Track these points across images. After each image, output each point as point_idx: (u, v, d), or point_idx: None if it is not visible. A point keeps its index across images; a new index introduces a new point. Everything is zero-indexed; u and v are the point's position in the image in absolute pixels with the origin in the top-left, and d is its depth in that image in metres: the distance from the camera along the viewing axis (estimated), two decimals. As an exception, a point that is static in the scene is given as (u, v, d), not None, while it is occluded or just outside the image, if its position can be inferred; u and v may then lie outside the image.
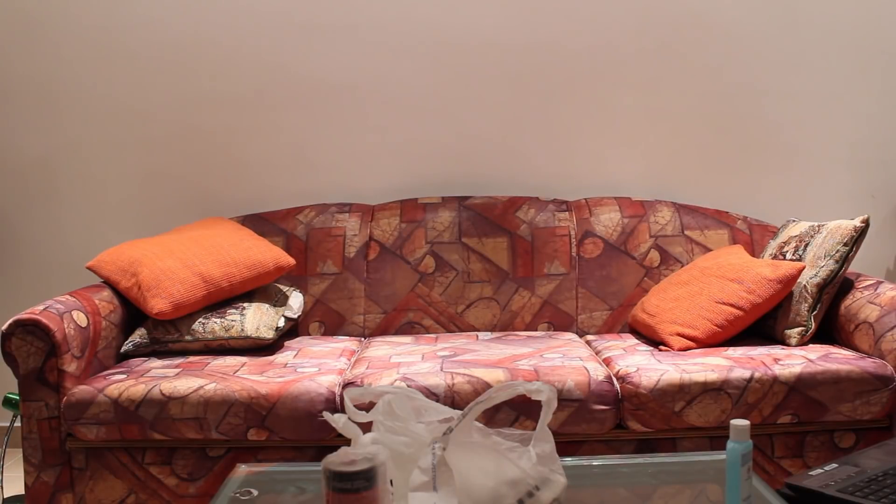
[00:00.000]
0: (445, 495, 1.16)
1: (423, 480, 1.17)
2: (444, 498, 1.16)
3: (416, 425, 1.26)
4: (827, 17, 2.78)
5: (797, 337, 2.25)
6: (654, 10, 2.77)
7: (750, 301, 2.27)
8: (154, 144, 2.83)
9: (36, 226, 2.87)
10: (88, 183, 2.84)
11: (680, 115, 2.81)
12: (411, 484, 1.17)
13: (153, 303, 2.26)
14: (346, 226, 2.64)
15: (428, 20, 2.75)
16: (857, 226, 2.29)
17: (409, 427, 1.26)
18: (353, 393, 1.29)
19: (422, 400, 1.31)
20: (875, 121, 2.83)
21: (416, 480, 1.17)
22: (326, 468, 1.11)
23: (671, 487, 1.62)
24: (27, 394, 2.05)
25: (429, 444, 1.21)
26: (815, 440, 2.06)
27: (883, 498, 1.27)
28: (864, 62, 2.80)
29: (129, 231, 2.67)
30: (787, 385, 2.00)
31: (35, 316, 2.05)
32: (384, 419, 1.25)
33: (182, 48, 2.78)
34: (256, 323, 2.33)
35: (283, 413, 1.98)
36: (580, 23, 2.77)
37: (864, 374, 2.02)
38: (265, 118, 2.82)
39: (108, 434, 2.02)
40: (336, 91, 2.80)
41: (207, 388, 2.01)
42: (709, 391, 1.99)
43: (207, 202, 2.79)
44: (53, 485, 2.05)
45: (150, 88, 2.80)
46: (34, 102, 2.82)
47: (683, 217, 2.66)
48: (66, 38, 2.79)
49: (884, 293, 2.21)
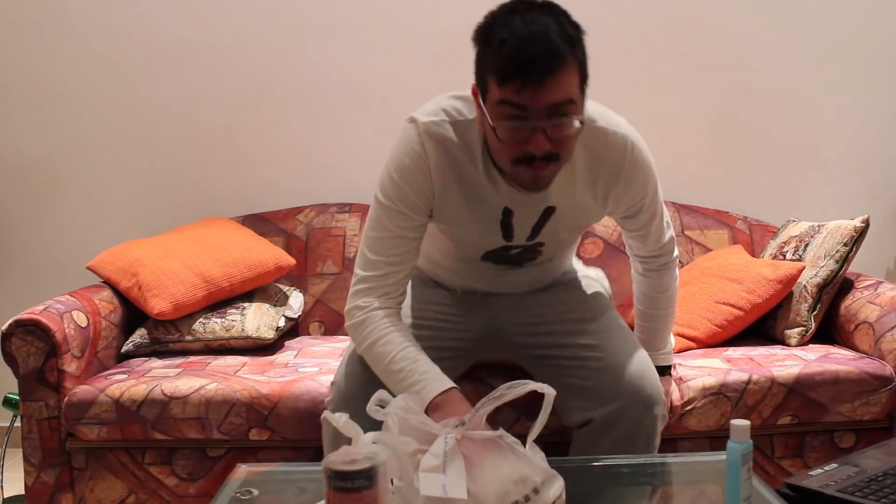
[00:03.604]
0: (454, 477, 1.16)
1: (433, 463, 1.17)
2: (453, 479, 1.16)
3: (429, 421, 1.27)
4: (827, 17, 2.78)
5: (797, 337, 2.25)
6: (655, 9, 2.77)
7: (750, 301, 2.27)
8: (154, 144, 2.82)
9: (36, 226, 2.86)
10: (88, 183, 2.84)
11: (680, 115, 2.81)
12: (422, 466, 1.18)
13: (154, 303, 2.26)
14: (346, 226, 2.64)
15: (428, 20, 2.75)
16: (858, 226, 2.29)
17: (423, 420, 1.26)
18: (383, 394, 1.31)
19: None
20: (875, 121, 2.83)
21: (426, 463, 1.18)
22: (327, 467, 1.11)
23: (671, 487, 1.62)
24: (27, 394, 2.04)
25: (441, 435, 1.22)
26: (815, 440, 2.06)
27: (883, 498, 1.27)
28: (864, 62, 2.80)
29: (129, 231, 2.67)
30: (785, 386, 2.00)
31: (35, 316, 2.05)
32: (399, 412, 1.25)
33: (182, 48, 2.78)
34: (257, 323, 2.33)
35: (285, 413, 1.98)
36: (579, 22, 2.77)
37: (864, 375, 2.02)
38: (265, 118, 2.81)
39: (109, 434, 2.02)
40: (336, 91, 2.80)
41: (209, 388, 2.01)
42: (708, 395, 1.99)
43: (207, 202, 2.78)
44: (53, 485, 2.05)
45: (150, 88, 2.80)
46: (34, 102, 2.82)
47: (683, 217, 2.66)
48: (65, 38, 2.79)
49: (884, 293, 2.21)
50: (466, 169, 1.56)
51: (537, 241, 1.66)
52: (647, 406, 1.66)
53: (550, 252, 1.72)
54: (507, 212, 1.59)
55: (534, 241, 1.65)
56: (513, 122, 1.39)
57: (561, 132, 1.41)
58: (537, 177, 1.45)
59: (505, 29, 1.38)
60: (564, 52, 1.38)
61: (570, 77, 1.39)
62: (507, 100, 1.38)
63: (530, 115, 1.38)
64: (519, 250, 1.68)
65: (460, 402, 1.46)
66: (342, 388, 1.68)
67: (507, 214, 1.59)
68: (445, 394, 1.46)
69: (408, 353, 1.53)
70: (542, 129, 1.39)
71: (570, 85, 1.40)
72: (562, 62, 1.36)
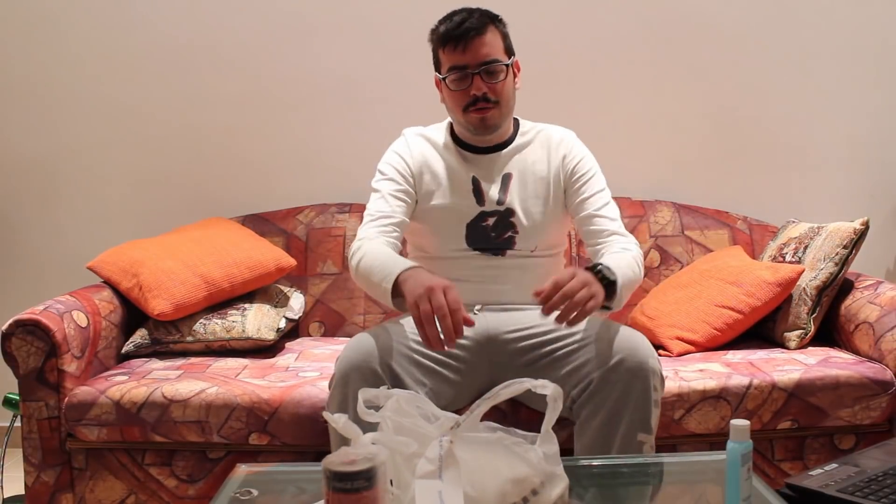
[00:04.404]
0: (451, 483, 1.16)
1: (429, 469, 1.17)
2: (450, 485, 1.16)
3: (423, 423, 1.27)
4: (827, 17, 2.78)
5: (796, 340, 2.25)
6: (654, 9, 2.77)
7: (749, 304, 2.26)
8: (154, 144, 2.83)
9: (36, 226, 2.87)
10: (88, 183, 2.84)
11: (680, 115, 2.81)
12: (417, 472, 1.17)
13: (154, 303, 2.26)
14: (346, 226, 2.64)
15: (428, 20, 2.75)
16: (857, 228, 2.28)
17: (417, 423, 1.26)
18: (367, 394, 1.31)
19: (430, 407, 1.32)
20: (875, 121, 2.83)
21: (422, 469, 1.18)
22: (326, 468, 1.11)
23: (671, 487, 1.62)
24: (27, 394, 2.04)
25: (436, 438, 1.22)
26: (814, 443, 2.06)
27: (883, 498, 1.27)
28: (864, 62, 2.80)
29: (129, 231, 2.67)
30: (786, 391, 2.00)
31: (35, 316, 2.05)
32: (393, 415, 1.25)
33: (182, 48, 2.78)
34: (257, 324, 2.32)
35: (286, 418, 1.98)
36: (579, 22, 2.78)
37: (864, 380, 2.02)
38: (265, 118, 2.82)
39: (109, 435, 2.02)
40: (336, 91, 2.80)
41: (209, 392, 2.01)
42: (708, 399, 1.99)
43: (207, 202, 2.78)
44: (53, 485, 2.05)
45: (150, 88, 2.80)
46: (34, 102, 2.83)
47: (683, 217, 2.66)
48: (65, 38, 2.79)
49: (884, 293, 2.21)
50: (441, 152, 2.01)
51: (507, 206, 1.95)
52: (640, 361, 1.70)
53: (527, 234, 1.95)
54: (475, 180, 1.97)
55: (503, 206, 1.95)
56: (456, 73, 1.88)
57: (493, 78, 1.89)
58: (483, 118, 1.90)
59: (444, 19, 1.93)
60: (485, 21, 1.89)
61: (494, 39, 1.89)
62: (450, 62, 1.89)
63: (468, 67, 1.87)
64: (495, 219, 1.95)
65: (423, 270, 1.68)
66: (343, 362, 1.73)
67: (475, 183, 1.97)
68: (409, 270, 1.68)
69: (380, 256, 1.78)
70: (477, 74, 1.87)
71: (495, 45, 1.89)
72: (483, 26, 1.87)
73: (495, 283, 1.94)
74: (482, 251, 1.95)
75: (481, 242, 1.95)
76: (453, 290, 1.58)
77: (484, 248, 1.95)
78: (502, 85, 1.90)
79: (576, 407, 1.75)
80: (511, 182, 1.97)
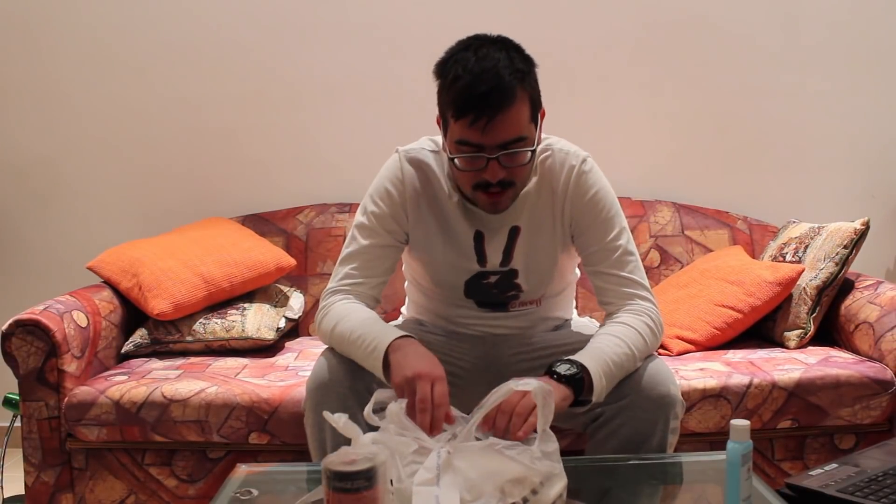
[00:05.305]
0: (448, 489, 1.17)
1: (427, 477, 1.18)
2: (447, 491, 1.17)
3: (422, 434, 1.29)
4: (826, 16, 2.78)
5: (796, 339, 2.25)
6: (654, 10, 2.77)
7: (749, 304, 2.26)
8: (154, 144, 2.83)
9: (36, 226, 2.87)
10: (88, 183, 2.84)
11: (680, 115, 2.81)
12: (416, 481, 1.18)
13: (154, 303, 2.26)
14: (345, 226, 2.64)
15: (428, 20, 2.75)
16: (858, 228, 2.29)
17: (417, 435, 1.28)
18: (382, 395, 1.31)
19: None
20: (875, 121, 2.83)
21: (420, 477, 1.19)
22: (326, 468, 1.11)
23: (671, 487, 1.62)
24: (27, 394, 2.04)
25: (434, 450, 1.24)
26: (815, 443, 2.06)
27: (883, 498, 1.27)
28: (864, 62, 2.80)
29: (129, 231, 2.67)
30: (786, 391, 2.00)
31: (35, 316, 2.05)
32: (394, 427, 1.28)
33: (182, 48, 2.78)
34: (257, 323, 2.33)
35: (285, 417, 1.98)
36: (580, 22, 2.77)
37: (864, 379, 2.02)
38: (265, 118, 2.81)
39: (109, 435, 2.02)
40: (336, 91, 2.80)
41: (209, 392, 2.01)
42: (708, 397, 1.99)
43: (207, 202, 2.78)
44: (53, 485, 2.05)
45: (150, 88, 2.80)
46: (34, 102, 2.82)
47: (683, 217, 2.66)
48: (65, 38, 2.79)
49: (884, 293, 2.21)
50: (440, 195, 1.68)
51: (511, 266, 1.70)
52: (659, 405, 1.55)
53: (532, 289, 1.73)
54: (479, 235, 1.68)
55: (507, 266, 1.69)
56: (468, 154, 1.52)
57: (514, 161, 1.53)
58: (495, 202, 1.58)
59: (459, 65, 1.50)
60: (514, 87, 1.48)
61: (521, 111, 1.50)
62: (462, 137, 1.51)
63: (484, 149, 1.50)
64: (497, 278, 1.71)
65: (416, 345, 1.48)
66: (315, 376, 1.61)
67: (478, 239, 1.68)
68: (401, 339, 1.49)
69: (364, 322, 1.56)
70: (495, 159, 1.51)
71: (521, 120, 1.51)
72: (511, 98, 1.47)
73: (497, 331, 1.78)
74: (481, 305, 1.75)
75: (482, 296, 1.74)
76: (442, 383, 1.39)
77: (484, 301, 1.75)
78: (522, 164, 1.55)
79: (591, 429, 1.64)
80: (518, 238, 1.68)
